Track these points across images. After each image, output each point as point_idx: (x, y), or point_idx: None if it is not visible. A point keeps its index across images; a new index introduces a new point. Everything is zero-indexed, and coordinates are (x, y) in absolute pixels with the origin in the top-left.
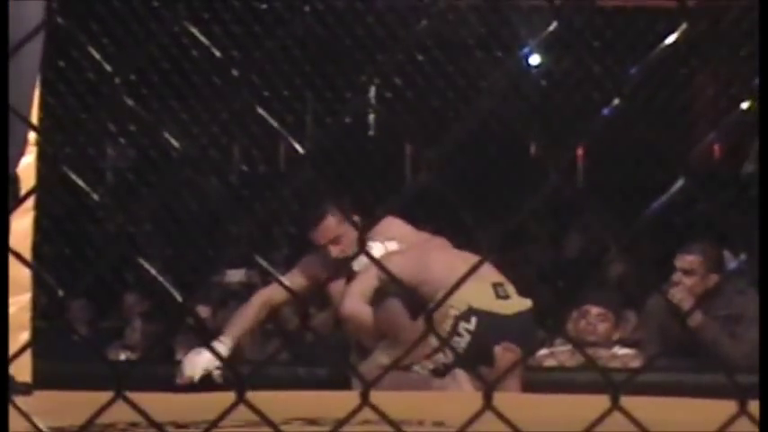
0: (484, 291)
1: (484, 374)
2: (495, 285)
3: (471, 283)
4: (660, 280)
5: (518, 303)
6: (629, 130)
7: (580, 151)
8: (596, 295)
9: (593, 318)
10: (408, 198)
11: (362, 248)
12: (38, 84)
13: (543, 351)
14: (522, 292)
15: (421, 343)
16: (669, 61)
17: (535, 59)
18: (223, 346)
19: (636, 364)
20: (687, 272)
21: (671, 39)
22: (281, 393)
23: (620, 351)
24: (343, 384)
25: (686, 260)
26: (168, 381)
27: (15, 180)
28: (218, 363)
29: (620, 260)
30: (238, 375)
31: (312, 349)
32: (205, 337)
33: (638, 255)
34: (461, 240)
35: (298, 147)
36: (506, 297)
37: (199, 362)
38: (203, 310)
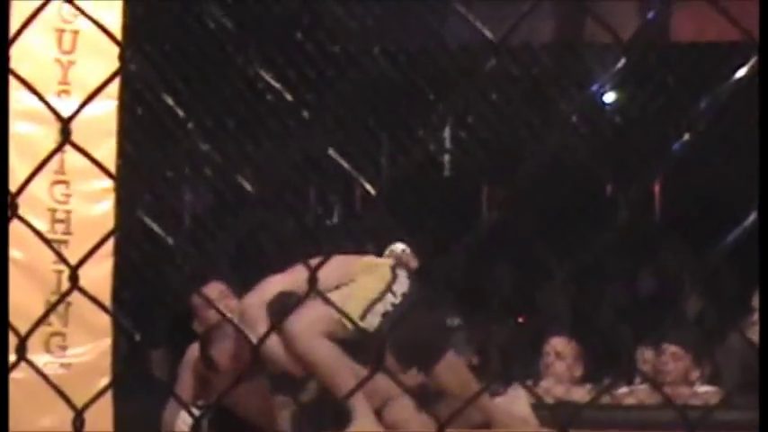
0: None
1: None
2: None
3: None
4: (739, 317)
5: None
6: (705, 165)
7: (657, 187)
8: (674, 334)
9: (670, 356)
10: (482, 236)
11: None
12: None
13: (623, 389)
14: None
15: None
16: (743, 95)
17: (610, 97)
18: None
19: (717, 401)
20: None
21: (740, 73)
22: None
23: (701, 389)
24: None
25: None
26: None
27: None
28: None
29: (697, 298)
30: (312, 417)
31: None
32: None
33: (716, 292)
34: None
35: (369, 188)
36: None
37: None
38: None
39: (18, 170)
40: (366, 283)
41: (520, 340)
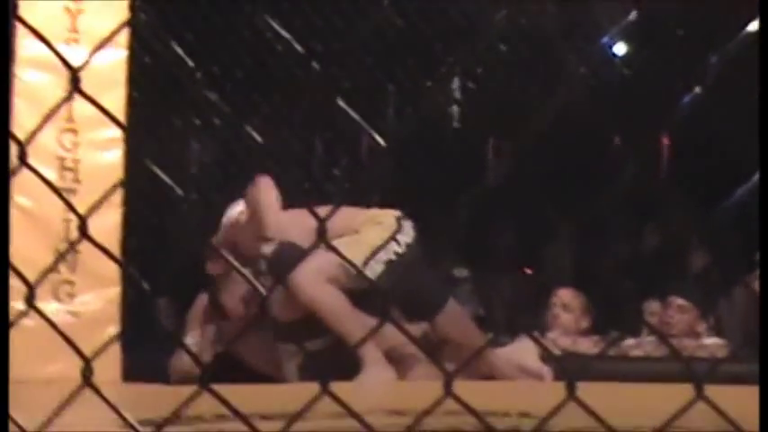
0: None
1: None
2: None
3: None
4: (744, 271)
5: None
6: (713, 120)
7: (665, 142)
8: (680, 287)
9: (677, 309)
10: (489, 190)
11: None
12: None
13: (630, 341)
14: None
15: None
16: (754, 49)
17: (621, 49)
18: None
19: (723, 353)
20: None
21: (752, 27)
22: (366, 383)
23: (708, 341)
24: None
25: None
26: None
27: None
28: None
29: (703, 251)
30: (319, 366)
31: None
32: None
33: (722, 246)
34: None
35: (379, 138)
36: None
37: None
38: None
39: (27, 119)
40: (370, 233)
41: (526, 292)
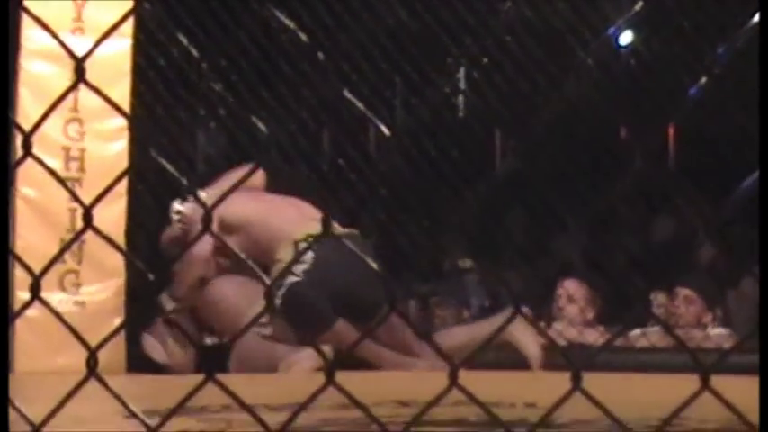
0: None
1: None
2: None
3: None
4: (752, 261)
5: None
6: (721, 111)
7: (672, 133)
8: (687, 277)
9: (683, 300)
10: (496, 182)
11: None
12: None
13: (636, 331)
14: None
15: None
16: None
17: (626, 38)
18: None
19: (730, 344)
20: None
21: (758, 17)
22: (372, 374)
23: (714, 332)
24: None
25: None
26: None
27: None
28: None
29: (710, 242)
30: (329, 358)
31: None
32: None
33: (730, 236)
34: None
35: (385, 129)
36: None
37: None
38: None
39: (32, 109)
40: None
41: (532, 283)
